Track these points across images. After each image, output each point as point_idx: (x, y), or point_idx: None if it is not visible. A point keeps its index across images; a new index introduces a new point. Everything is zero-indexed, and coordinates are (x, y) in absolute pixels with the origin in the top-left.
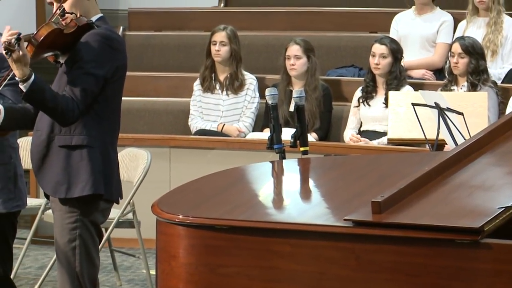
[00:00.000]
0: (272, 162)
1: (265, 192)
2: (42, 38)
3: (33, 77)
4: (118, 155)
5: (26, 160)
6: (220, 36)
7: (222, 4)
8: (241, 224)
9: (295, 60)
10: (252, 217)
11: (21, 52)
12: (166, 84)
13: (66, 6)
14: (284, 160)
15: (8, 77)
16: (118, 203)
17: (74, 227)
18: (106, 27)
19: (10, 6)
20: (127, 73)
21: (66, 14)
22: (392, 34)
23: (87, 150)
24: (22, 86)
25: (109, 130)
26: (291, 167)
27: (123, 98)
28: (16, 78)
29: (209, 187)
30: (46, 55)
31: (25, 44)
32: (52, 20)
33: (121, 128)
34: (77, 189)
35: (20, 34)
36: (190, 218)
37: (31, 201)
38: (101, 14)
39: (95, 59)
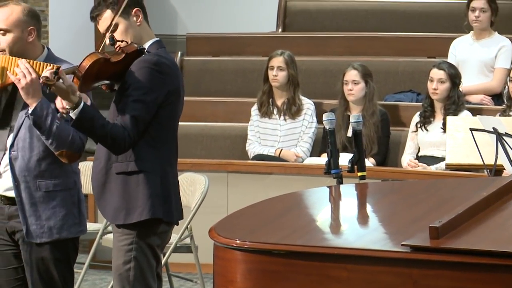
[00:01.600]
0: (330, 187)
1: (322, 217)
2: (86, 69)
3: (81, 105)
4: None
5: (85, 185)
6: (278, 61)
7: (279, 29)
8: (299, 249)
9: (353, 85)
10: (310, 242)
11: (63, 85)
12: (224, 109)
13: (117, 34)
14: (341, 185)
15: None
16: (177, 224)
17: (129, 249)
18: (157, 52)
19: (70, 29)
20: (185, 98)
21: (117, 42)
22: (450, 59)
23: (144, 175)
24: (71, 114)
25: (166, 154)
26: (348, 192)
27: (181, 123)
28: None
29: (267, 212)
30: (96, 84)
31: (71, 76)
32: (100, 50)
33: (179, 153)
34: (135, 214)
35: (59, 68)
36: (248, 243)
37: (89, 226)
38: (155, 39)
39: (143, 85)
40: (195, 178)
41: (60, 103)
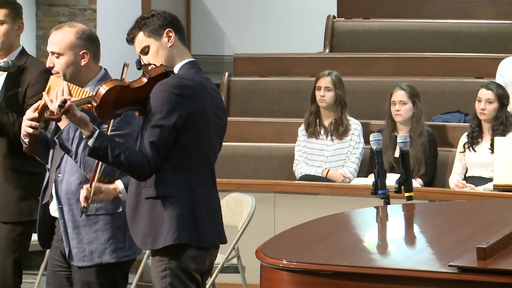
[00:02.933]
0: (377, 207)
1: (369, 237)
2: (101, 97)
3: (95, 135)
4: (223, 200)
5: None
6: (325, 81)
7: (327, 50)
8: (345, 269)
9: (401, 105)
10: (356, 263)
11: (73, 117)
12: (271, 129)
13: (148, 56)
14: (388, 206)
15: (110, 127)
16: (217, 247)
17: (164, 275)
18: (182, 74)
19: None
20: (232, 118)
21: (143, 66)
22: (498, 79)
23: (170, 200)
24: (88, 144)
25: (195, 177)
26: (395, 212)
27: (228, 143)
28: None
29: (313, 232)
30: (120, 111)
31: (87, 105)
32: (123, 77)
33: (226, 173)
34: (161, 239)
35: (65, 101)
36: (294, 263)
37: None
38: (188, 60)
39: (161, 109)
40: (242, 199)
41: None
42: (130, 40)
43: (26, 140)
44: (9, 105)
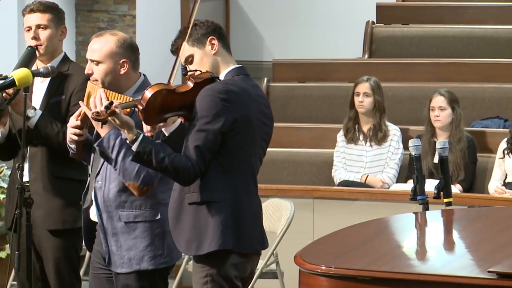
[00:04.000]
0: (416, 213)
1: (408, 243)
2: (147, 101)
3: (139, 139)
4: (262, 205)
5: None
6: (364, 87)
7: (366, 56)
8: (384, 275)
9: (440, 111)
10: (395, 268)
11: (118, 120)
12: (310, 135)
13: (193, 65)
14: (427, 211)
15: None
16: (258, 254)
17: (205, 281)
18: (227, 80)
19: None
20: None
21: (188, 72)
22: None
23: (214, 206)
24: (132, 148)
25: (239, 183)
26: (434, 218)
27: (267, 149)
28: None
29: (352, 238)
30: (166, 116)
31: (132, 110)
32: (171, 81)
33: (265, 179)
34: (205, 245)
35: (111, 102)
36: (333, 269)
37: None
38: (234, 66)
39: (206, 114)
40: (281, 204)
41: (145, 127)
42: (174, 50)
43: (73, 146)
44: (51, 112)
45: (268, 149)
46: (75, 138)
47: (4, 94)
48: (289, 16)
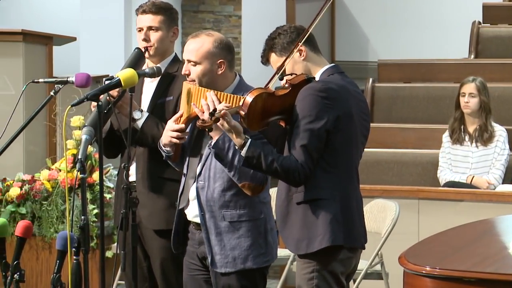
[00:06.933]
0: None
1: None
2: (249, 105)
3: (247, 144)
4: (367, 206)
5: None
6: (469, 87)
7: (472, 56)
8: (489, 276)
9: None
10: (501, 270)
11: (226, 125)
12: (415, 135)
13: (286, 68)
14: None
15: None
16: (364, 248)
17: (311, 277)
18: (324, 79)
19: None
20: (376, 124)
21: (284, 77)
22: None
23: (322, 203)
24: (241, 154)
25: (345, 179)
26: None
27: (372, 149)
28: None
29: (457, 239)
30: (268, 121)
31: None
32: (269, 85)
33: (370, 179)
34: (316, 243)
35: (215, 109)
36: (438, 270)
37: (280, 252)
38: (328, 66)
39: (309, 113)
40: (386, 205)
41: None
42: (264, 62)
43: (166, 149)
44: (158, 113)
45: (373, 150)
46: (176, 141)
47: (108, 97)
48: (395, 17)
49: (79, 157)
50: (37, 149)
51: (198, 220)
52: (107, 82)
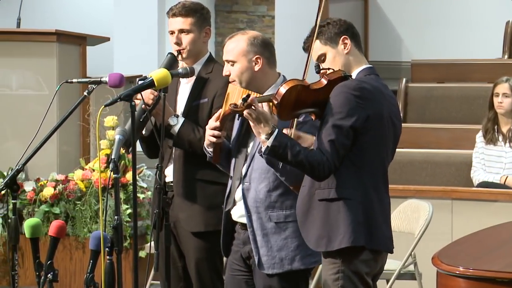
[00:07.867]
0: None
1: None
2: (282, 95)
3: (275, 133)
4: (400, 206)
5: None
6: (503, 87)
7: (505, 56)
8: None
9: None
10: None
11: (254, 112)
12: (448, 136)
13: (325, 63)
14: None
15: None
16: (390, 252)
17: (336, 278)
18: (360, 78)
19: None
20: (409, 124)
21: (321, 70)
22: None
23: (345, 202)
24: (267, 142)
25: (370, 180)
26: None
27: (404, 149)
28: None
29: (491, 239)
30: (299, 112)
31: (264, 104)
32: (303, 78)
33: (403, 180)
34: (336, 242)
35: (249, 95)
36: (471, 270)
37: None
38: (365, 66)
39: (340, 110)
40: (419, 205)
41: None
42: (306, 48)
43: (210, 149)
44: (193, 115)
45: (406, 150)
46: (213, 140)
47: (143, 106)
48: (428, 16)
49: (113, 157)
50: (71, 149)
51: (244, 220)
52: (140, 82)
